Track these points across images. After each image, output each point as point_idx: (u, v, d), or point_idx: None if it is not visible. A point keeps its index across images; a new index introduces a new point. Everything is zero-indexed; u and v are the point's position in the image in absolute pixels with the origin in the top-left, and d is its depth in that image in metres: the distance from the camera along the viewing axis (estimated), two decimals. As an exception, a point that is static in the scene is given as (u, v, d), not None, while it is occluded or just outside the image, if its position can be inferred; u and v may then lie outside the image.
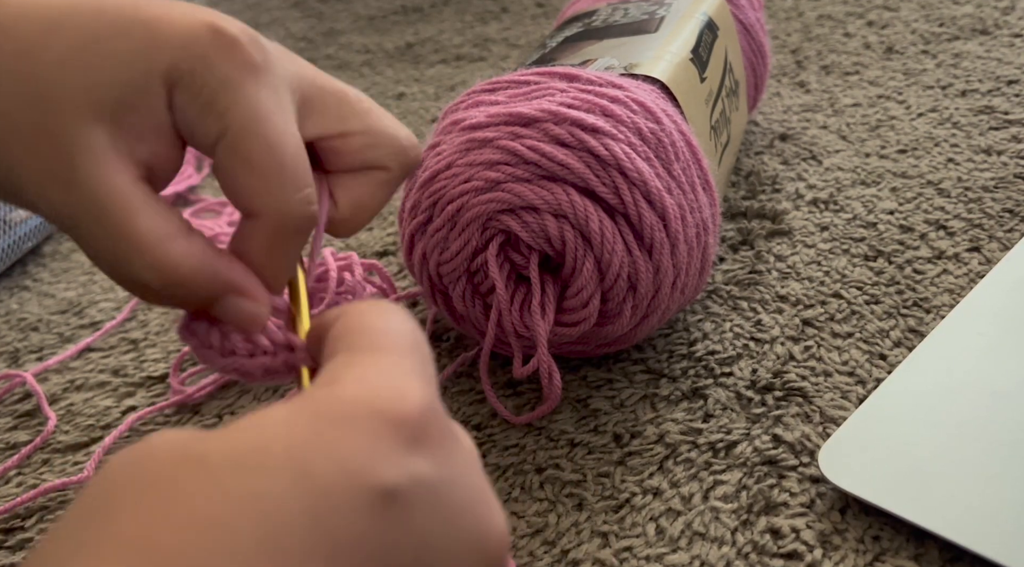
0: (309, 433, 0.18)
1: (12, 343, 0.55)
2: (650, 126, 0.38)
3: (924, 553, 0.32)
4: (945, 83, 0.64)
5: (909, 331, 0.42)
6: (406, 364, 0.21)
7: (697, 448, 0.38)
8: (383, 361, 0.20)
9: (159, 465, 0.17)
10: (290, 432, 0.18)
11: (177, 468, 0.17)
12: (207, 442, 0.18)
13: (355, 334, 0.22)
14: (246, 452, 0.17)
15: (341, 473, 0.17)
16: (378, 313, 0.23)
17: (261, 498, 0.16)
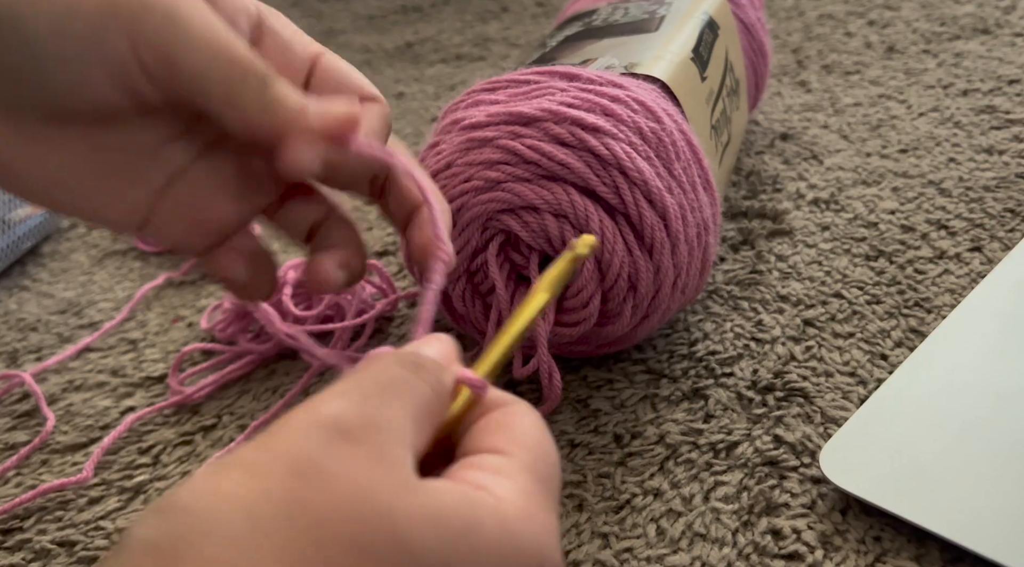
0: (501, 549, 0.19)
1: (11, 343, 0.55)
2: (651, 125, 0.38)
3: (925, 554, 0.32)
4: (946, 82, 0.64)
5: (910, 331, 0.42)
6: (551, 516, 0.22)
7: (698, 449, 0.38)
8: (548, 500, 0.21)
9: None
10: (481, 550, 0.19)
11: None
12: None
13: (518, 442, 0.22)
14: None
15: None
16: (542, 435, 0.23)
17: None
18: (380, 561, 0.18)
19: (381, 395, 0.21)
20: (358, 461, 0.19)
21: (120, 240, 0.65)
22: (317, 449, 0.19)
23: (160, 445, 0.44)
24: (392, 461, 0.19)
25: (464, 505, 0.19)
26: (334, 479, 0.18)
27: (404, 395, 0.21)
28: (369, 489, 0.18)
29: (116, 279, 0.60)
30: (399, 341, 0.48)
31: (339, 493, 0.18)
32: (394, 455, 0.20)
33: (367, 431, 0.20)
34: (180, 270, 0.59)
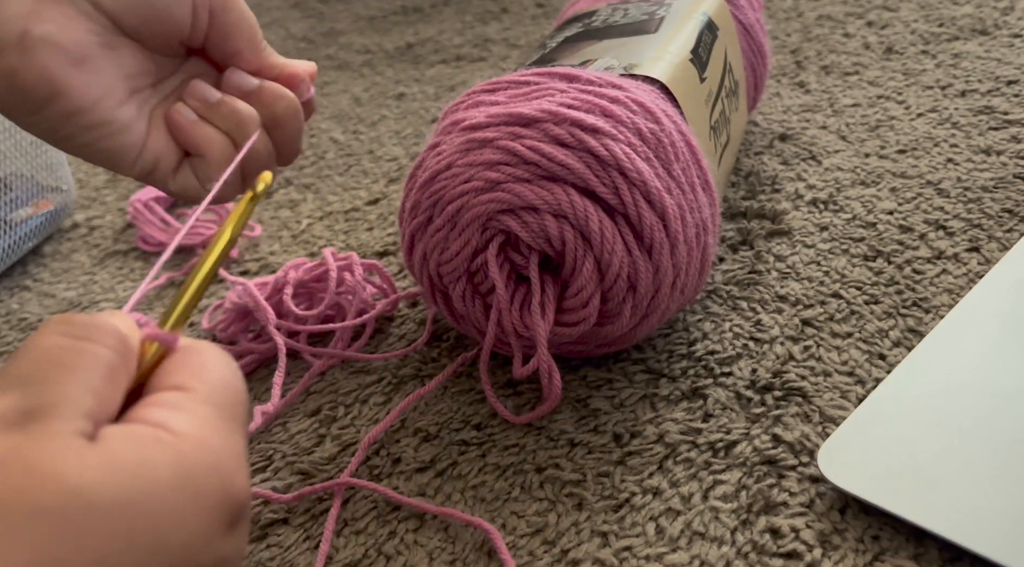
0: (168, 491, 0.20)
1: (12, 343, 0.55)
2: (650, 126, 0.38)
3: (923, 553, 0.32)
4: (945, 83, 0.64)
5: (908, 331, 0.42)
6: (237, 434, 0.23)
7: (697, 448, 0.38)
8: (220, 429, 0.23)
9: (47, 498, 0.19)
10: (153, 479, 0.20)
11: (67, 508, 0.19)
12: (91, 491, 0.19)
13: (192, 371, 0.24)
14: (113, 506, 0.19)
15: (184, 545, 0.20)
16: (208, 356, 0.24)
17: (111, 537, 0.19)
18: (53, 518, 0.19)
19: (46, 374, 0.21)
20: (25, 445, 0.20)
21: (121, 240, 0.66)
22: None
23: (161, 444, 0.44)
24: (61, 433, 0.20)
25: (132, 446, 0.21)
26: (4, 466, 0.19)
27: (75, 366, 0.22)
28: (41, 464, 0.19)
29: (117, 279, 0.60)
30: (399, 341, 0.49)
31: (7, 478, 0.19)
32: (63, 429, 0.20)
33: (35, 417, 0.20)
34: (182, 270, 0.59)
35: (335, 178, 0.69)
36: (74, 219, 0.70)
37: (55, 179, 0.67)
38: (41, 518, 0.18)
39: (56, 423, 0.20)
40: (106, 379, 0.22)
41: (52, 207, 0.66)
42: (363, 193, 0.66)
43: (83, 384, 0.21)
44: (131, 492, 0.20)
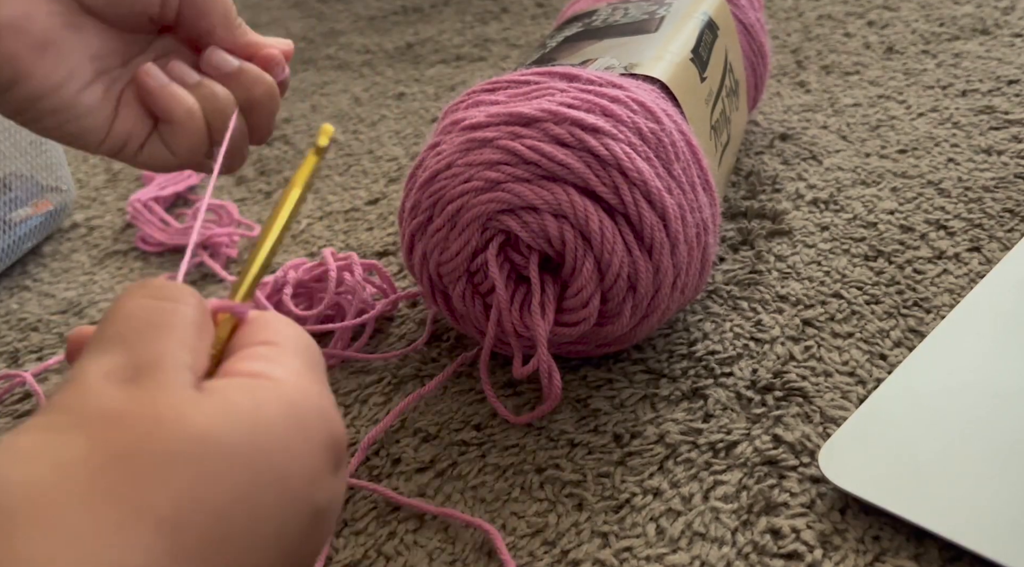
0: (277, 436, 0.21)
1: (12, 343, 0.55)
2: (650, 126, 0.38)
3: (924, 553, 0.32)
4: (945, 83, 0.64)
5: (909, 331, 0.42)
6: (322, 378, 0.24)
7: (697, 448, 0.38)
8: (306, 374, 0.23)
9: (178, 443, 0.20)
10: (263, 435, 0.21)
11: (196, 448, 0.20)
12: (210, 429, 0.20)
13: (268, 332, 0.25)
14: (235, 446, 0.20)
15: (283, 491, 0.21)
16: (280, 320, 0.25)
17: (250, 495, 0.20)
18: (189, 462, 0.19)
19: (142, 333, 0.22)
20: (145, 397, 0.20)
21: (121, 240, 0.65)
22: (107, 400, 0.20)
23: (161, 445, 0.44)
24: (174, 385, 0.21)
25: (243, 393, 0.21)
26: (127, 417, 0.20)
27: (170, 325, 0.23)
28: (160, 413, 0.20)
29: (117, 279, 0.60)
30: (399, 341, 0.49)
31: (135, 427, 0.20)
32: (174, 381, 0.21)
33: (145, 371, 0.21)
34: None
35: (335, 178, 0.69)
36: (73, 219, 0.70)
37: (55, 179, 0.67)
38: (176, 462, 0.19)
39: (167, 374, 0.21)
40: (196, 336, 0.23)
41: (51, 207, 0.66)
42: (363, 193, 0.65)
43: (179, 340, 0.22)
44: (252, 434, 0.21)
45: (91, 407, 0.20)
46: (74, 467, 0.19)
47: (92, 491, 0.18)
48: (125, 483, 0.19)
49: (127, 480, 0.19)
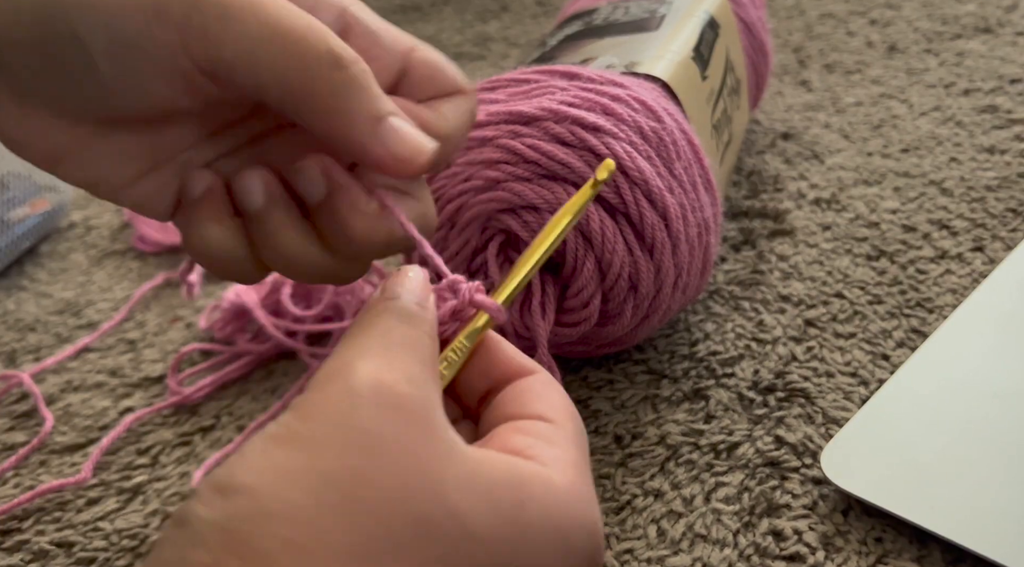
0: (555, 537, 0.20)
1: (9, 344, 0.55)
2: (651, 125, 0.38)
3: (927, 555, 0.31)
4: (948, 82, 0.64)
5: (912, 331, 0.42)
6: (591, 492, 0.22)
7: (699, 449, 0.38)
8: (585, 487, 0.21)
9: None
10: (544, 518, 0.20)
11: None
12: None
13: (573, 423, 0.23)
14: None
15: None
16: (571, 413, 0.23)
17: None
18: (438, 535, 0.18)
19: (403, 355, 0.20)
20: (410, 430, 0.19)
21: (119, 240, 0.65)
22: (369, 419, 0.19)
23: (159, 446, 0.44)
24: (436, 427, 0.19)
25: (513, 476, 0.19)
26: (392, 452, 0.18)
27: (418, 352, 0.21)
28: (424, 461, 0.18)
29: (115, 279, 0.60)
30: (399, 341, 0.48)
31: (399, 467, 0.18)
32: (437, 420, 0.19)
33: (411, 396, 0.19)
34: (179, 270, 0.59)
35: (334, 177, 0.69)
36: (71, 219, 0.70)
37: (52, 178, 0.66)
38: (420, 529, 0.18)
39: (435, 412, 0.19)
40: (434, 368, 0.21)
41: (49, 207, 0.65)
42: (362, 192, 0.65)
43: (430, 373, 0.21)
44: (506, 528, 0.19)
45: (343, 424, 0.18)
46: (334, 502, 0.17)
47: (347, 538, 0.17)
48: (373, 532, 0.17)
49: (380, 536, 0.17)
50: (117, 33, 0.23)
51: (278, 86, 0.24)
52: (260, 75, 0.24)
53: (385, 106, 0.25)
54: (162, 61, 0.24)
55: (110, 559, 0.38)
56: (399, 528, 0.18)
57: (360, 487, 0.18)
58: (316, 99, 0.24)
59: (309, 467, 0.18)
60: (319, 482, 0.18)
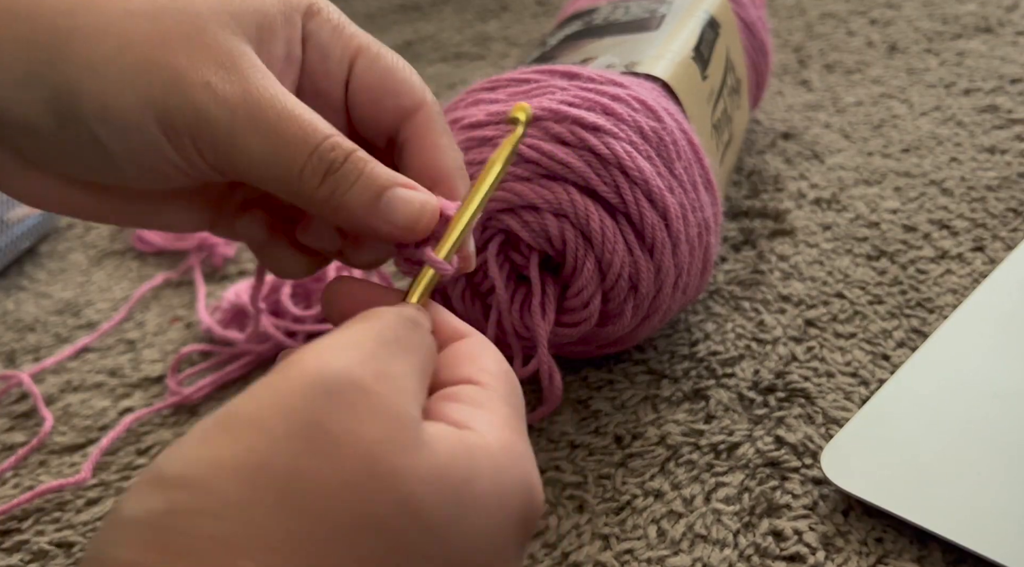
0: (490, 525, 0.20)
1: (9, 344, 0.55)
2: (651, 125, 0.38)
3: (927, 555, 0.31)
4: (948, 82, 0.64)
5: (912, 331, 0.42)
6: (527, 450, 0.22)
7: (699, 450, 0.38)
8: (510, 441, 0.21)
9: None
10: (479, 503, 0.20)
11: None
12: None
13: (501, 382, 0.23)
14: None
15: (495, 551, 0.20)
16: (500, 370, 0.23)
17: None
18: (383, 526, 0.18)
19: (389, 349, 0.21)
20: (368, 425, 0.18)
21: (118, 240, 0.65)
22: (321, 409, 0.18)
23: (158, 446, 0.44)
24: (402, 417, 0.19)
25: (462, 456, 0.20)
26: (339, 444, 0.18)
27: (411, 352, 0.21)
28: (376, 452, 0.18)
29: (114, 279, 0.60)
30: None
31: (344, 460, 0.18)
32: (405, 411, 0.19)
33: (379, 382, 0.19)
34: (178, 270, 0.59)
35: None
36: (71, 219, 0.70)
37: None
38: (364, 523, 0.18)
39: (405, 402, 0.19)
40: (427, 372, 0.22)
41: (49, 206, 0.65)
42: (362, 192, 0.65)
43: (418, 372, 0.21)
44: (455, 512, 0.19)
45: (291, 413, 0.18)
46: (268, 495, 0.17)
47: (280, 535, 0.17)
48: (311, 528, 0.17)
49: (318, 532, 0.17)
50: (133, 140, 0.25)
51: (284, 191, 0.26)
52: (267, 183, 0.26)
53: (380, 182, 0.26)
54: (176, 162, 0.26)
55: (110, 559, 0.38)
56: (342, 524, 0.17)
57: (299, 480, 0.17)
58: (316, 201, 0.26)
59: (246, 457, 0.17)
60: (255, 474, 0.17)
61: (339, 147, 0.26)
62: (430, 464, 0.19)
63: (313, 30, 0.28)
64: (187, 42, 0.25)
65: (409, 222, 0.26)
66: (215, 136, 0.25)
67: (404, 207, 0.26)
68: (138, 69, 0.24)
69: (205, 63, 0.25)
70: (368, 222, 0.26)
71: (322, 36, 0.28)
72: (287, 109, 0.25)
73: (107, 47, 0.24)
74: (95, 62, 0.24)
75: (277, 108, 0.25)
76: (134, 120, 0.24)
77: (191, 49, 0.25)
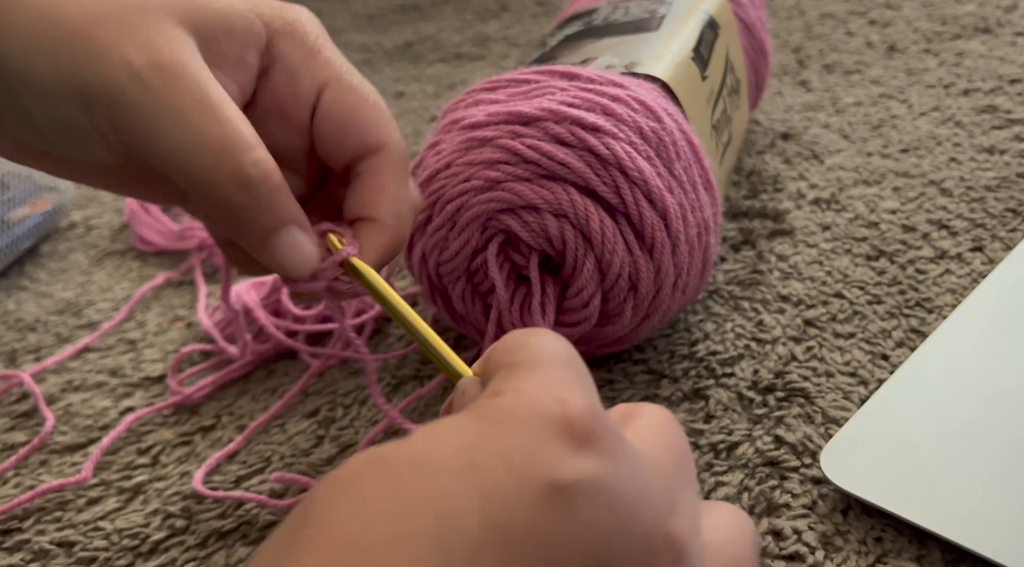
0: (475, 434, 0.19)
1: (9, 343, 0.55)
2: (651, 125, 0.38)
3: (926, 554, 0.31)
4: (947, 82, 0.64)
5: (911, 331, 0.42)
6: (562, 374, 0.21)
7: (698, 449, 0.38)
8: (540, 373, 0.21)
9: (349, 473, 0.18)
10: (459, 434, 0.19)
11: (364, 472, 0.18)
12: (391, 448, 0.19)
13: (513, 352, 0.22)
14: (422, 453, 0.18)
15: (508, 468, 0.18)
16: (534, 333, 0.23)
17: (435, 492, 0.17)
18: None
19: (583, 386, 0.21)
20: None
21: (119, 240, 0.65)
22: (561, 464, 0.18)
23: (159, 445, 0.44)
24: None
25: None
26: (578, 507, 0.18)
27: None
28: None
29: (115, 279, 0.60)
30: (398, 341, 0.48)
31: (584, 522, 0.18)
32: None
33: (612, 438, 0.19)
34: (179, 270, 0.59)
35: (334, 177, 0.69)
36: (71, 218, 0.70)
37: (52, 179, 0.66)
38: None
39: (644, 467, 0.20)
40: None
41: (49, 206, 0.66)
42: (362, 192, 0.65)
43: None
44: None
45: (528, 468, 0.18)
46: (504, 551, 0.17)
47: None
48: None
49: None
50: (54, 112, 0.25)
51: (192, 192, 0.26)
52: (181, 179, 0.26)
53: (278, 219, 0.27)
54: (95, 138, 0.26)
55: (111, 559, 0.38)
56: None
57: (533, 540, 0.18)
58: (219, 212, 0.26)
59: (479, 507, 0.18)
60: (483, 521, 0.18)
61: (260, 164, 0.26)
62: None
63: (285, 51, 0.28)
64: (117, 20, 0.24)
65: (293, 268, 0.28)
66: (131, 118, 0.24)
67: (288, 251, 0.27)
68: (62, 39, 0.24)
69: (131, 42, 0.24)
70: (256, 251, 0.27)
71: (294, 58, 0.28)
72: (214, 108, 0.25)
73: (34, 15, 0.24)
74: (23, 26, 0.24)
75: (203, 104, 0.25)
76: (54, 90, 0.24)
77: (120, 27, 0.24)
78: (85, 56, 0.24)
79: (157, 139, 0.25)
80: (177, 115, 0.25)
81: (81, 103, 0.25)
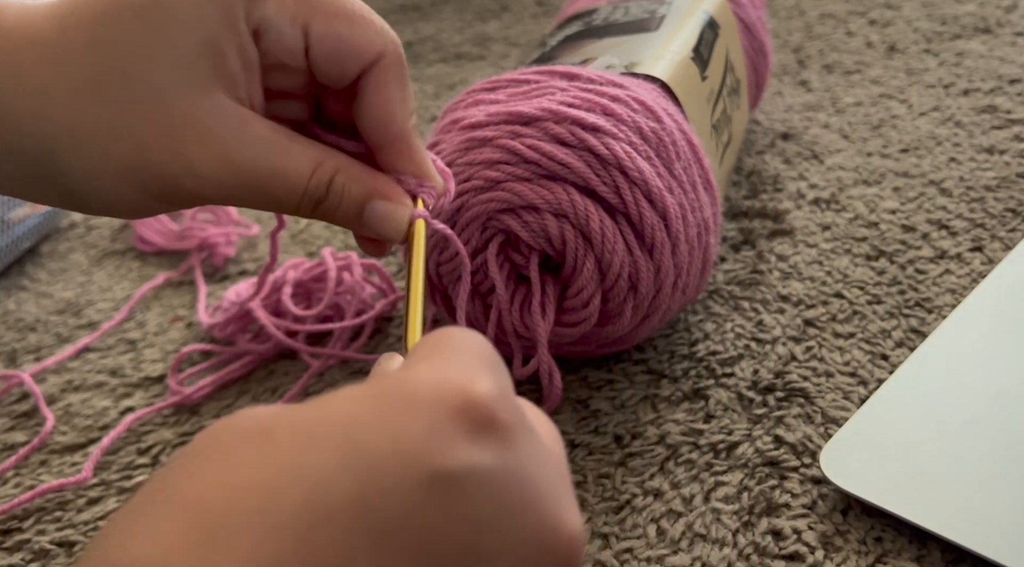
0: (370, 410, 0.18)
1: (10, 343, 0.55)
2: (651, 125, 0.38)
3: (926, 554, 0.31)
4: (947, 82, 0.64)
5: (911, 331, 0.42)
6: (475, 362, 0.20)
7: (698, 449, 0.38)
8: (451, 356, 0.20)
9: (229, 435, 0.18)
10: (351, 407, 0.18)
11: (243, 437, 0.18)
12: (279, 415, 0.18)
13: (437, 339, 0.22)
14: (306, 423, 0.18)
15: (394, 452, 0.17)
16: (454, 329, 0.23)
17: (309, 468, 0.17)
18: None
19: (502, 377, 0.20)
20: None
21: (119, 240, 0.65)
22: (452, 452, 0.18)
23: (159, 445, 0.44)
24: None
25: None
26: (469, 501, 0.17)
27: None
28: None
29: (115, 279, 0.60)
30: (398, 342, 0.48)
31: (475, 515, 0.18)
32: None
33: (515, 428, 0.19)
34: (179, 270, 0.59)
35: (334, 177, 0.69)
36: (71, 218, 0.70)
37: (53, 178, 0.66)
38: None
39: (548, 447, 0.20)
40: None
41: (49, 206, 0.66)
42: (362, 192, 0.65)
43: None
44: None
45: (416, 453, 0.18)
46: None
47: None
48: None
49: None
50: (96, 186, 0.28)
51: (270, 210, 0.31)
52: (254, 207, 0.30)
53: (360, 199, 0.31)
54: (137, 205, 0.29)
55: (111, 559, 0.38)
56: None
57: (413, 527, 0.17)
58: (304, 216, 0.31)
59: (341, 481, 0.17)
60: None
61: (321, 183, 0.30)
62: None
63: (261, 18, 0.29)
64: (156, 128, 0.27)
65: (387, 236, 0.31)
66: (211, 201, 0.29)
67: (380, 223, 0.31)
68: (124, 177, 0.28)
69: (182, 146, 0.27)
70: (356, 230, 0.32)
71: (271, 19, 0.29)
72: (270, 166, 0.28)
73: (92, 161, 0.27)
74: (88, 175, 0.28)
75: (262, 170, 0.28)
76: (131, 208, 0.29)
77: (163, 136, 0.27)
78: (155, 179, 0.28)
79: (240, 203, 0.30)
80: (250, 191, 0.29)
81: (161, 207, 0.29)
